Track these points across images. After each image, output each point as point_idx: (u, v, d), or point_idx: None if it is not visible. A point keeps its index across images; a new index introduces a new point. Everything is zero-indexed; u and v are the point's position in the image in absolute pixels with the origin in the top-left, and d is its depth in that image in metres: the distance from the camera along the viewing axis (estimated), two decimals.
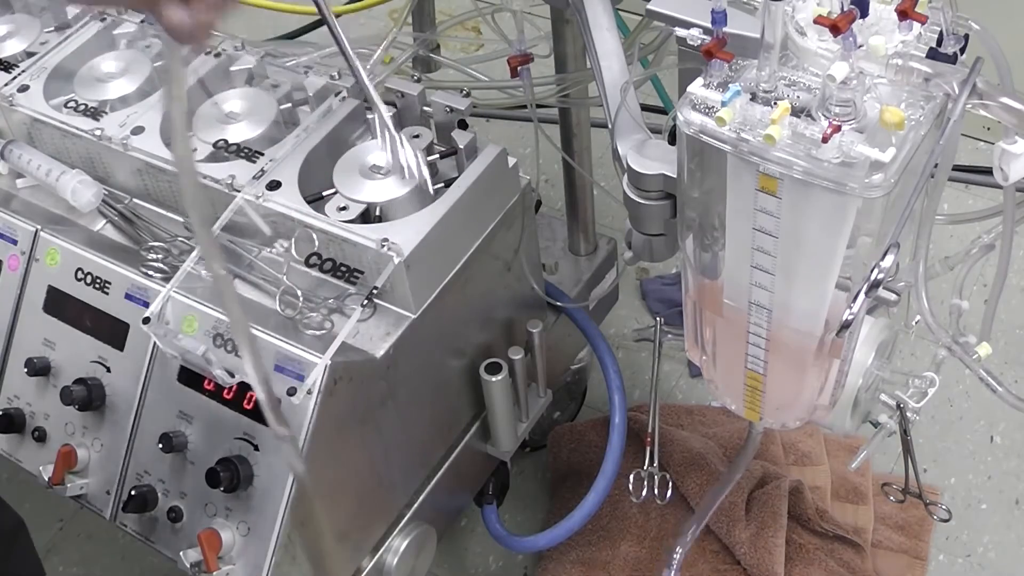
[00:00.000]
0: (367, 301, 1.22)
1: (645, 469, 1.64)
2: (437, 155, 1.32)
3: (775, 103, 0.90)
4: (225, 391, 1.21)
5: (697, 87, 0.94)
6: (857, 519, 1.72)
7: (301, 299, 1.23)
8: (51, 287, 1.33)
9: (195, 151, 1.32)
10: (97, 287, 1.30)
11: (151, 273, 1.28)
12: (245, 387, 1.20)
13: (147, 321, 1.22)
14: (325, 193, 1.27)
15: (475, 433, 1.47)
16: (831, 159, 0.89)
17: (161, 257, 1.31)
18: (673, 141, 1.04)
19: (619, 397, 1.57)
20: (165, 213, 1.38)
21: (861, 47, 0.90)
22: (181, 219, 1.36)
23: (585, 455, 1.78)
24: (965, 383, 1.88)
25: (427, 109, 1.35)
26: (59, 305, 1.33)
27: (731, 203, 0.99)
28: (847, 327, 0.98)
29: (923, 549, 1.70)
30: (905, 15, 0.91)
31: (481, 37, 2.40)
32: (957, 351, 1.09)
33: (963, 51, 0.94)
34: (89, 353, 1.30)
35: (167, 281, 1.25)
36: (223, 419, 1.21)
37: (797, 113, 0.90)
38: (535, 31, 1.51)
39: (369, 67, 1.42)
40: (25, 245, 1.35)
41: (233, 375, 1.19)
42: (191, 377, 1.23)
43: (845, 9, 0.88)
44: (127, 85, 1.41)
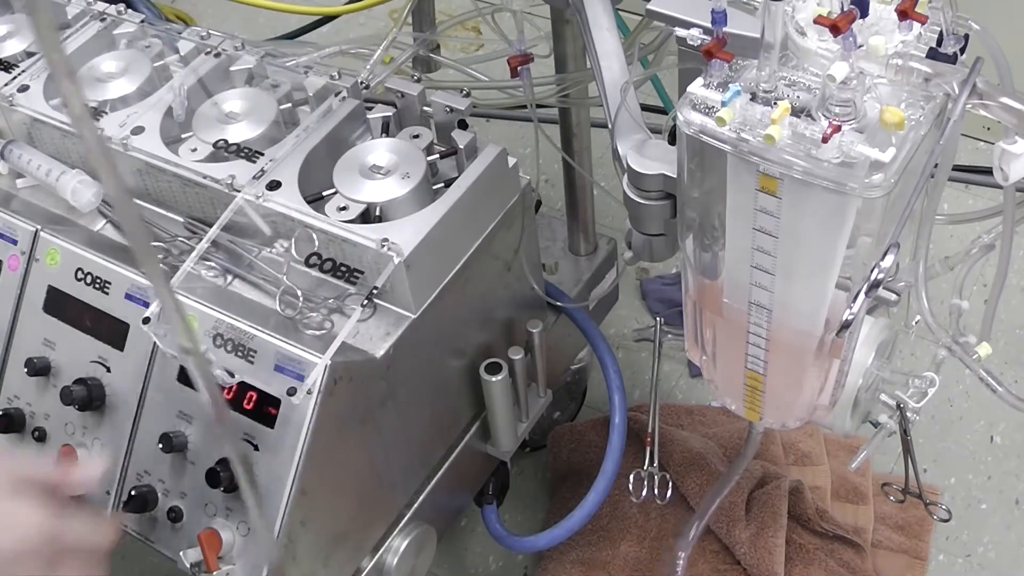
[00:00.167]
0: (367, 301, 1.22)
1: (645, 469, 1.64)
2: (437, 155, 1.32)
3: (775, 103, 0.90)
4: (225, 391, 1.21)
5: (697, 87, 0.94)
6: (857, 519, 1.72)
7: (301, 299, 1.23)
8: (51, 287, 1.33)
9: (195, 151, 1.33)
10: (97, 287, 1.30)
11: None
12: (245, 387, 1.19)
13: (147, 321, 1.22)
14: (325, 193, 1.27)
15: (475, 433, 1.47)
16: (831, 159, 0.89)
17: (161, 257, 1.31)
18: (673, 141, 1.04)
19: (619, 397, 1.56)
20: (165, 213, 1.38)
21: (861, 47, 0.90)
22: (181, 219, 1.37)
23: (585, 455, 1.77)
24: (965, 383, 1.87)
25: (427, 109, 1.35)
26: (59, 305, 1.32)
27: (731, 203, 0.99)
28: (847, 327, 0.98)
29: (923, 549, 1.70)
30: (905, 15, 0.91)
31: (481, 37, 2.40)
32: (957, 351, 1.09)
33: (963, 51, 0.94)
34: (89, 353, 1.30)
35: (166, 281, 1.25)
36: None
37: (797, 113, 0.90)
38: (535, 31, 1.51)
39: (369, 67, 1.42)
40: (25, 245, 1.35)
41: (233, 375, 1.19)
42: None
43: (845, 9, 0.88)
44: (127, 85, 1.41)
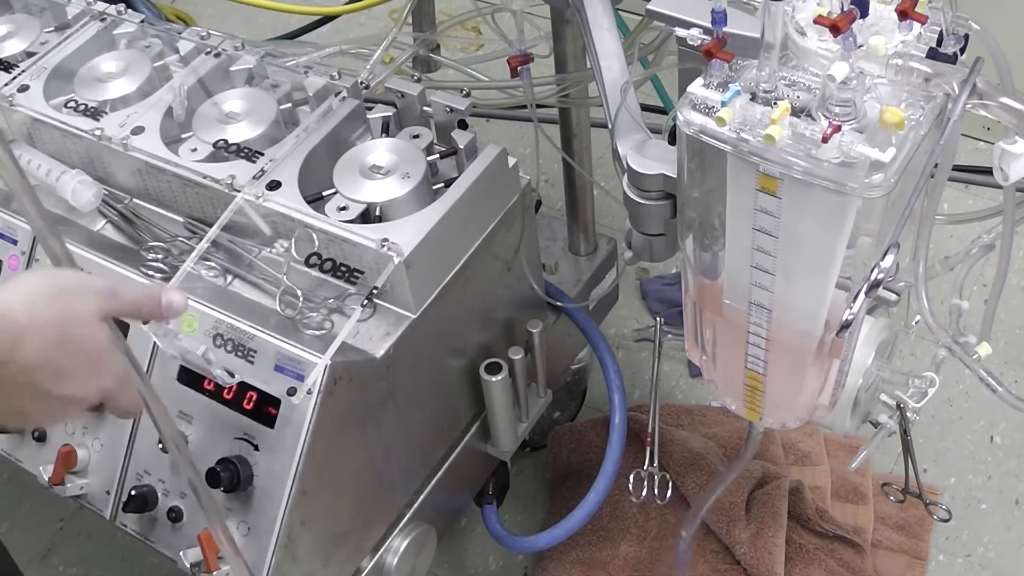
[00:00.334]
0: (367, 301, 1.22)
1: (645, 469, 1.64)
2: (437, 155, 1.32)
3: (775, 103, 0.90)
4: (225, 391, 1.21)
5: (697, 87, 0.94)
6: (857, 519, 1.72)
7: (301, 299, 1.23)
8: None
9: (195, 151, 1.33)
10: None
11: (151, 273, 1.28)
12: (245, 387, 1.20)
13: (147, 321, 1.22)
14: (325, 193, 1.27)
15: (475, 433, 1.47)
16: (831, 159, 0.89)
17: (161, 257, 1.31)
18: (673, 141, 1.04)
19: (619, 397, 1.56)
20: (165, 213, 1.38)
21: (861, 47, 0.90)
22: (181, 219, 1.37)
23: (585, 455, 1.77)
24: (965, 383, 1.87)
25: (427, 109, 1.35)
26: None
27: (731, 203, 0.99)
28: (847, 327, 0.98)
29: (923, 549, 1.70)
30: (905, 15, 0.91)
31: (481, 37, 2.40)
32: (957, 351, 1.09)
33: (963, 51, 0.94)
34: None
35: (167, 281, 1.25)
36: (223, 419, 1.21)
37: (797, 113, 0.90)
38: (535, 31, 1.51)
39: (369, 67, 1.42)
40: (25, 245, 1.35)
41: (233, 375, 1.19)
42: (191, 377, 1.23)
43: (845, 9, 0.88)
44: (127, 85, 1.41)
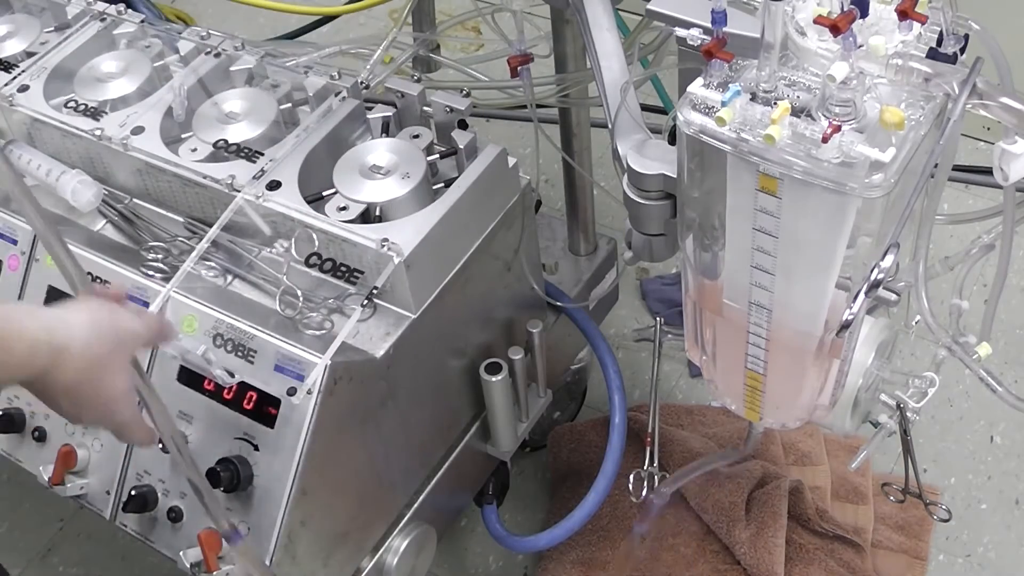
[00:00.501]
0: (367, 301, 1.22)
1: (645, 469, 1.64)
2: (437, 155, 1.32)
3: (775, 103, 0.90)
4: (225, 391, 1.21)
5: (697, 87, 0.94)
6: (857, 519, 1.72)
7: (301, 299, 1.23)
8: (51, 287, 1.32)
9: (195, 151, 1.33)
10: None
11: (151, 273, 1.28)
12: (245, 387, 1.20)
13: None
14: (325, 193, 1.27)
15: (475, 433, 1.47)
16: (831, 159, 0.89)
17: (161, 257, 1.31)
18: (673, 141, 1.04)
19: (619, 397, 1.56)
20: (165, 213, 1.38)
21: (861, 47, 0.90)
22: (181, 219, 1.37)
23: (585, 455, 1.77)
24: (965, 383, 1.87)
25: (427, 109, 1.35)
26: None
27: (731, 203, 0.99)
28: (847, 327, 0.98)
29: (923, 549, 1.70)
30: (905, 15, 0.91)
31: (481, 37, 2.40)
32: (957, 351, 1.09)
33: (963, 51, 0.94)
34: None
35: (167, 281, 1.25)
36: (223, 419, 1.21)
37: (797, 113, 0.90)
38: (535, 31, 1.51)
39: (369, 67, 1.42)
40: (25, 245, 1.35)
41: (233, 375, 1.19)
42: (191, 377, 1.23)
43: (845, 9, 0.88)
44: (127, 85, 1.41)
